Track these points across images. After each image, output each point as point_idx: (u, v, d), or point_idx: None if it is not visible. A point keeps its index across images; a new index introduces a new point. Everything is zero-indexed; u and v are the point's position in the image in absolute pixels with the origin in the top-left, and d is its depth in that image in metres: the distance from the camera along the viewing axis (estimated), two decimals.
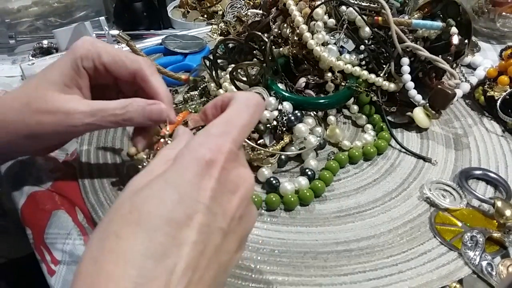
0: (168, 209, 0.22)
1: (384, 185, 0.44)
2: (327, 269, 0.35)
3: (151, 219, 0.21)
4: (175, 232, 0.21)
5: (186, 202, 0.22)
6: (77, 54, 0.36)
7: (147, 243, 0.21)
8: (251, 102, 0.28)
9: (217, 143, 0.24)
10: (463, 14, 0.51)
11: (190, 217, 0.22)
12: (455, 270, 0.35)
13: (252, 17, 0.62)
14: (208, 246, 0.22)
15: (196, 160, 0.23)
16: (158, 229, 0.21)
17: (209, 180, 0.23)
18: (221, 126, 0.26)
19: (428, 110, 0.48)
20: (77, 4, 0.75)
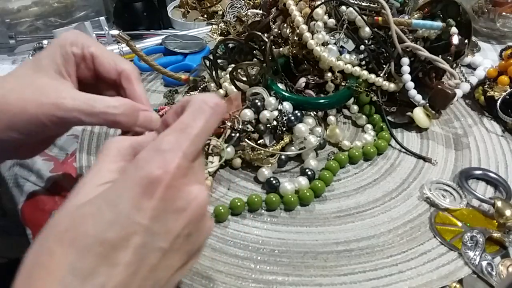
0: (102, 229, 0.22)
1: (384, 185, 0.44)
2: (327, 269, 0.35)
3: (84, 239, 0.22)
4: (107, 252, 0.22)
5: (122, 223, 0.22)
6: (67, 40, 0.35)
7: (76, 262, 0.21)
8: (206, 106, 0.25)
9: (165, 159, 0.23)
10: (463, 14, 0.51)
11: (126, 238, 0.22)
12: (455, 270, 0.35)
13: (252, 17, 0.62)
14: (143, 266, 0.23)
15: (140, 178, 0.22)
16: (90, 249, 0.21)
17: (150, 200, 0.22)
18: (172, 138, 0.24)
19: (428, 110, 0.48)
20: (77, 4, 0.75)
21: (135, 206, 0.22)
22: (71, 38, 0.35)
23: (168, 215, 0.23)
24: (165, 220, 0.23)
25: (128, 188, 0.23)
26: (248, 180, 0.44)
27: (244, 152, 0.44)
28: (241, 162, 0.45)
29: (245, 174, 0.45)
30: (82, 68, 0.36)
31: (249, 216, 0.40)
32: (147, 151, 0.24)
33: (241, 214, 0.40)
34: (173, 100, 0.56)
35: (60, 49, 0.35)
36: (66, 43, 0.35)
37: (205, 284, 0.34)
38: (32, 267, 0.22)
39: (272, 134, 0.45)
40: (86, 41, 0.36)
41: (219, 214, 0.39)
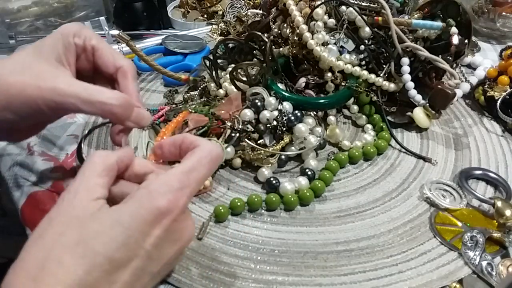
0: (113, 249, 0.24)
1: (384, 185, 0.44)
2: (327, 269, 0.35)
3: (95, 256, 0.24)
4: (112, 270, 0.24)
5: (131, 245, 0.25)
6: (70, 30, 0.35)
7: (85, 275, 0.23)
8: (213, 157, 0.29)
9: (176, 196, 0.26)
10: (463, 14, 0.51)
11: (130, 259, 0.25)
12: (455, 270, 0.35)
13: (252, 17, 0.62)
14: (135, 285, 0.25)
15: (153, 208, 0.25)
16: (99, 265, 0.23)
17: (158, 229, 0.26)
18: (183, 178, 0.27)
19: (428, 110, 0.48)
20: (77, 4, 0.75)
21: (145, 232, 0.25)
22: (74, 29, 0.36)
23: (166, 244, 0.27)
24: (162, 248, 0.26)
25: (141, 215, 0.25)
26: (248, 180, 0.44)
27: (244, 152, 0.44)
28: (241, 162, 0.45)
29: (245, 174, 0.45)
30: (82, 59, 0.36)
31: (249, 216, 0.40)
32: (160, 185, 0.27)
33: (241, 214, 0.40)
34: (173, 100, 0.55)
35: (63, 38, 0.35)
36: (69, 33, 0.35)
37: (205, 284, 0.34)
38: (38, 271, 0.23)
39: (272, 134, 0.45)
40: (89, 33, 0.36)
41: (219, 214, 0.39)
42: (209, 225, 0.39)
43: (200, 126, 0.45)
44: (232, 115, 0.45)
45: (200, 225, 0.39)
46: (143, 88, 0.59)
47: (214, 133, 0.45)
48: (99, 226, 0.24)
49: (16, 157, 0.47)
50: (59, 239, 0.24)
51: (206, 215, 0.40)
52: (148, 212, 0.25)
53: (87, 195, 0.26)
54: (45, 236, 0.24)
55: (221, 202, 0.41)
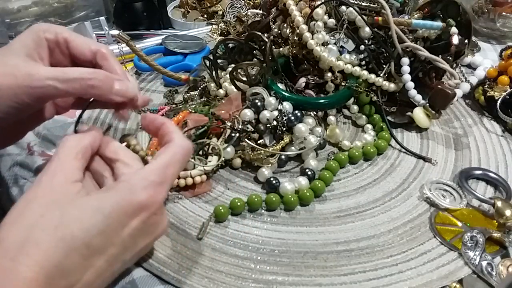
0: (91, 235, 0.25)
1: (384, 185, 0.44)
2: (327, 269, 0.35)
3: (73, 240, 0.24)
4: (89, 255, 0.25)
5: (109, 234, 0.26)
6: (39, 27, 0.35)
7: (62, 259, 0.24)
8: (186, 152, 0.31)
9: (156, 191, 0.28)
10: (463, 14, 0.51)
11: (106, 247, 0.26)
12: (455, 270, 0.35)
13: (252, 17, 0.62)
14: (107, 272, 0.27)
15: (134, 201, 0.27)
16: (77, 250, 0.24)
17: (136, 220, 0.27)
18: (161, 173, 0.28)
19: (428, 110, 0.48)
20: (77, 4, 0.75)
21: (123, 222, 0.26)
22: (44, 26, 0.36)
23: (141, 235, 0.28)
24: (137, 239, 0.28)
25: (122, 207, 0.26)
26: (248, 180, 0.44)
27: (244, 152, 0.44)
28: (241, 162, 0.45)
29: (245, 174, 0.45)
30: (56, 53, 0.36)
31: (249, 216, 0.40)
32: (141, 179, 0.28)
33: (241, 214, 0.40)
34: (173, 100, 0.55)
35: (32, 34, 0.35)
36: (39, 29, 0.35)
37: (205, 284, 0.34)
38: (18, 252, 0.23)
39: (272, 134, 0.45)
40: (60, 28, 0.36)
41: (219, 214, 0.39)
42: (209, 225, 0.39)
43: (200, 126, 0.45)
44: (232, 115, 0.45)
45: (200, 225, 0.39)
46: (143, 88, 0.59)
47: (214, 133, 0.45)
48: (80, 212, 0.26)
49: (16, 157, 0.47)
50: (39, 221, 0.25)
51: (206, 215, 0.40)
52: (128, 204, 0.26)
53: (65, 178, 0.27)
54: (24, 217, 0.25)
55: (221, 202, 0.41)
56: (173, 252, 0.36)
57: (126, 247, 0.27)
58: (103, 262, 0.26)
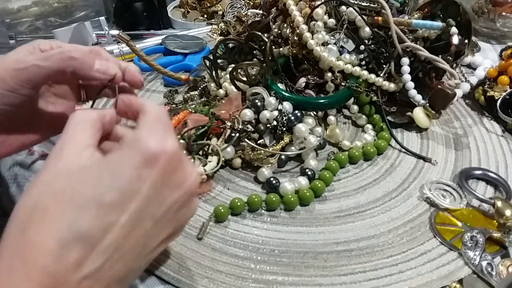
0: (100, 192, 0.23)
1: (384, 185, 0.44)
2: (327, 269, 0.35)
3: (82, 199, 0.23)
4: (104, 214, 0.23)
5: (123, 188, 0.24)
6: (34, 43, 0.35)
7: (72, 219, 0.22)
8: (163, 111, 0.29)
9: (162, 138, 0.25)
10: (463, 14, 0.51)
11: (123, 203, 0.23)
12: (455, 270, 0.35)
13: (252, 17, 0.62)
14: (136, 230, 0.24)
15: (142, 150, 0.24)
16: (89, 209, 0.23)
17: (153, 171, 0.24)
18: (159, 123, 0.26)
19: (428, 110, 0.48)
20: (77, 4, 0.75)
21: (137, 174, 0.24)
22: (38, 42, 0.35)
23: (164, 187, 0.25)
24: (161, 192, 0.25)
25: (131, 157, 0.24)
26: (248, 180, 0.44)
27: (244, 152, 0.44)
28: (241, 162, 0.45)
29: (245, 174, 0.45)
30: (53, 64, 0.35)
31: (249, 216, 0.40)
32: (144, 131, 0.26)
33: (241, 214, 0.40)
34: (173, 100, 0.55)
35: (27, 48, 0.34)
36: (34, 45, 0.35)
37: (205, 284, 0.34)
38: (27, 221, 0.22)
39: (272, 134, 0.45)
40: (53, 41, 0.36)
41: (219, 214, 0.39)
42: (209, 225, 0.39)
43: (200, 126, 0.45)
44: (232, 115, 0.45)
45: (200, 225, 0.39)
46: (143, 88, 0.59)
47: (214, 133, 0.45)
48: (87, 171, 0.24)
49: (16, 157, 0.47)
50: (46, 188, 0.24)
51: (206, 215, 0.40)
52: (137, 153, 0.24)
53: (75, 147, 0.26)
54: (33, 187, 0.24)
55: (221, 202, 0.41)
56: (173, 252, 0.36)
57: (150, 201, 0.24)
58: (126, 220, 0.23)
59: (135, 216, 0.24)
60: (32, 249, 0.21)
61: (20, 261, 0.21)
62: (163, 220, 0.26)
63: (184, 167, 0.27)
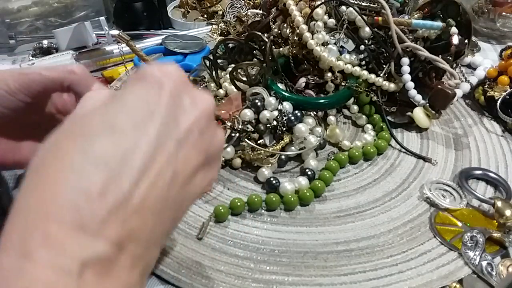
0: (111, 117, 0.21)
1: (384, 185, 0.44)
2: (327, 269, 0.35)
3: (92, 125, 0.21)
4: (118, 139, 0.21)
5: (133, 113, 0.21)
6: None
7: (85, 145, 0.20)
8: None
9: (165, 65, 0.24)
10: (463, 14, 0.51)
11: (135, 126, 0.21)
12: (455, 270, 0.35)
13: (252, 17, 0.62)
14: (159, 154, 0.21)
15: (141, 75, 0.23)
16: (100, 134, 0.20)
17: (159, 92, 0.22)
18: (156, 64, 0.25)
19: (428, 110, 0.48)
20: (77, 4, 0.75)
21: (145, 99, 0.22)
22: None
23: (177, 109, 0.23)
24: (175, 112, 0.23)
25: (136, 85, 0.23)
26: (248, 180, 0.44)
27: (244, 152, 0.44)
28: (241, 162, 0.45)
29: (245, 174, 0.45)
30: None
31: (249, 216, 0.40)
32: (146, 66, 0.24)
33: (241, 214, 0.40)
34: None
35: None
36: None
37: (205, 283, 0.34)
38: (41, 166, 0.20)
39: (272, 134, 0.45)
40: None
41: (219, 214, 0.39)
42: (209, 225, 0.39)
43: None
44: (232, 115, 0.45)
45: (200, 225, 0.39)
46: None
47: None
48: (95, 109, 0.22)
49: None
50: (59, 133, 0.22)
51: (206, 215, 0.40)
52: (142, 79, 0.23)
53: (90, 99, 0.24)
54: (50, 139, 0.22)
55: (221, 202, 0.41)
56: (173, 252, 0.36)
57: (165, 121, 0.22)
58: (145, 144, 0.21)
59: (154, 138, 0.21)
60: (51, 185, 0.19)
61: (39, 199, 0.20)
62: (186, 143, 0.23)
63: (192, 90, 0.25)
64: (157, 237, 0.21)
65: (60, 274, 0.17)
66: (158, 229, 0.21)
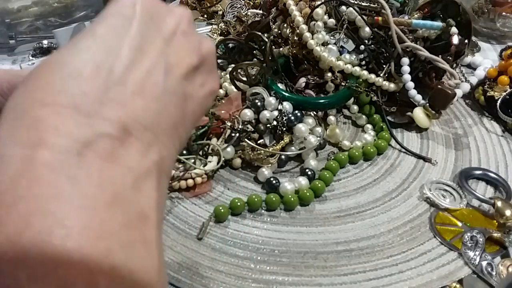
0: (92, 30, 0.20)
1: (384, 185, 0.44)
2: (327, 269, 0.35)
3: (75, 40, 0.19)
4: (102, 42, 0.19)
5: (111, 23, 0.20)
6: None
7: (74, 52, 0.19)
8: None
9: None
10: (463, 14, 0.51)
11: (116, 33, 0.20)
12: (455, 270, 0.35)
13: (252, 17, 0.62)
14: (147, 52, 0.20)
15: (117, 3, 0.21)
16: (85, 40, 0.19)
17: (134, 8, 0.21)
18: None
19: (428, 110, 0.48)
20: (77, 4, 0.75)
21: (119, 12, 0.21)
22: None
23: (155, 16, 0.22)
24: (153, 19, 0.22)
25: (108, 8, 0.21)
26: (248, 180, 0.44)
27: (244, 152, 0.44)
28: (241, 162, 0.45)
29: (245, 174, 0.45)
30: None
31: (249, 216, 0.40)
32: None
33: (241, 214, 0.40)
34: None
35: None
36: None
37: (205, 284, 0.34)
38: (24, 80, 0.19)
39: (272, 134, 0.45)
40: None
41: (219, 214, 0.39)
42: (209, 225, 0.39)
43: (200, 126, 0.45)
44: (232, 115, 0.45)
45: (200, 225, 0.39)
46: None
47: (214, 133, 0.45)
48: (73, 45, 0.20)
49: None
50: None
51: (206, 215, 0.40)
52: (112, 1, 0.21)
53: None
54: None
55: (221, 202, 0.41)
56: (173, 252, 0.36)
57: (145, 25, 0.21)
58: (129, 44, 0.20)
59: (138, 35, 0.20)
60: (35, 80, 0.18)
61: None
62: (173, 41, 0.22)
63: (164, 4, 0.24)
64: (165, 126, 0.20)
65: (56, 153, 0.16)
66: (164, 117, 0.20)
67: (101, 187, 0.16)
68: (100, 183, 0.16)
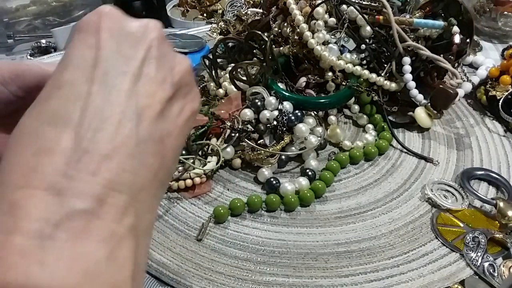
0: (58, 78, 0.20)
1: (385, 185, 0.43)
2: (327, 271, 0.35)
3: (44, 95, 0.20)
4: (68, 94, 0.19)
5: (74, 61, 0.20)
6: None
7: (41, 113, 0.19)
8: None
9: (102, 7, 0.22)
10: (465, 13, 0.51)
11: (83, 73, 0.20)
12: (457, 271, 0.35)
13: (252, 16, 0.61)
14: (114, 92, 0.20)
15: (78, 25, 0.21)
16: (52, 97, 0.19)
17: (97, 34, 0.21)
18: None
19: (430, 110, 0.48)
20: (75, 3, 0.74)
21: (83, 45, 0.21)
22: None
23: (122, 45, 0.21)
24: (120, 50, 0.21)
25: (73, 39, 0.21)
26: (248, 181, 0.44)
27: (244, 152, 0.44)
28: (241, 162, 0.45)
29: (245, 175, 0.44)
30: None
31: (249, 217, 0.40)
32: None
33: (241, 215, 0.40)
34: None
35: None
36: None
37: (205, 285, 0.34)
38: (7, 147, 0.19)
39: (272, 134, 0.45)
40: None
41: (219, 215, 0.39)
42: (208, 226, 0.38)
43: (200, 126, 0.44)
44: (232, 115, 0.45)
45: (200, 226, 0.38)
46: None
47: (214, 133, 0.45)
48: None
49: None
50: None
51: (206, 216, 0.39)
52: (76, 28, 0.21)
53: None
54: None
55: (220, 202, 0.41)
56: (172, 253, 0.36)
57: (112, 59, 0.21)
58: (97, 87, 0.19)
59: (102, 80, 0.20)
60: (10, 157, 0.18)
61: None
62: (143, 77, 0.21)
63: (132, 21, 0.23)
64: (143, 181, 0.19)
65: (27, 238, 0.16)
66: (141, 172, 0.19)
67: (70, 269, 0.16)
68: (69, 265, 0.16)
